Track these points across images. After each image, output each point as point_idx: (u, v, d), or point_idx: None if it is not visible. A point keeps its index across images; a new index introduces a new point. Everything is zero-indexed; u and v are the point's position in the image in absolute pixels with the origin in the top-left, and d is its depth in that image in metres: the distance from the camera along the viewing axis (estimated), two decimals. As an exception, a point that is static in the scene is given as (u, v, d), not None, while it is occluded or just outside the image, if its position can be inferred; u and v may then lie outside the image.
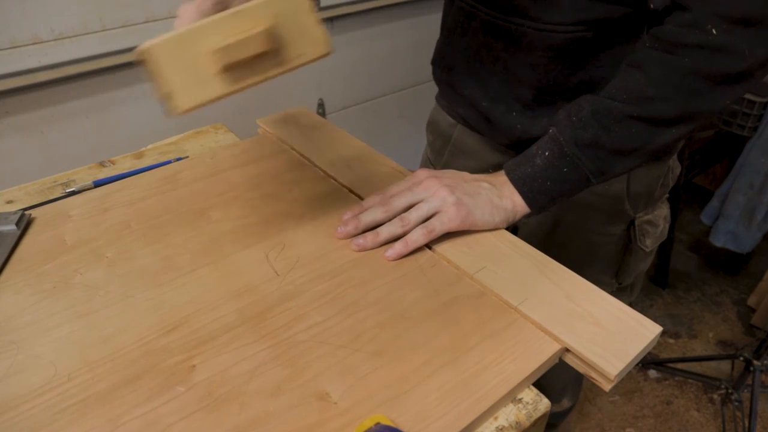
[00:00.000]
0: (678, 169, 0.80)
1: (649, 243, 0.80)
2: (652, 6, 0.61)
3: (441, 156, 0.88)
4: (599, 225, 0.78)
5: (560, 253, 0.83)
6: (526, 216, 0.62)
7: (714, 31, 0.50)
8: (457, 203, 0.57)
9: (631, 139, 0.56)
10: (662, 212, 0.81)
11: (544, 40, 0.64)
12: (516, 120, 0.72)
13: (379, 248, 0.58)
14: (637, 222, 0.78)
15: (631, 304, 0.91)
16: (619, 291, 0.86)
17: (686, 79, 0.53)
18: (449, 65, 0.79)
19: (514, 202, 0.60)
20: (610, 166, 0.58)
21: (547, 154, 0.58)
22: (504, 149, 0.78)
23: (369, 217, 0.59)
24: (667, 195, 0.81)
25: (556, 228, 0.82)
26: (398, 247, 0.57)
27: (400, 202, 0.59)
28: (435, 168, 0.89)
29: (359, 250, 0.58)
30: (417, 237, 0.57)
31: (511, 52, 0.68)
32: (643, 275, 0.89)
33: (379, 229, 0.58)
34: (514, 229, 0.87)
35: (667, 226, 0.83)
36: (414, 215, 0.58)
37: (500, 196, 0.60)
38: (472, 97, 0.76)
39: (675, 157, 0.78)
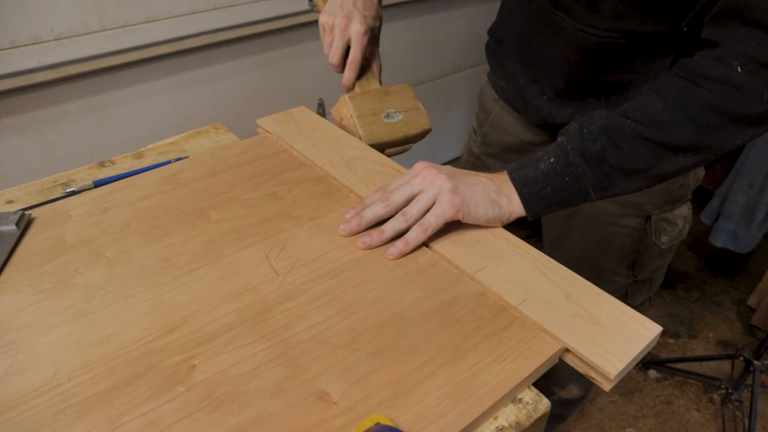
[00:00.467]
0: (702, 172, 0.81)
1: (665, 240, 0.82)
2: (686, 28, 0.64)
3: (482, 127, 0.95)
4: (615, 216, 0.81)
5: (578, 239, 0.87)
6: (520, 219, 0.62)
7: (739, 69, 0.51)
8: (453, 191, 0.57)
9: (637, 160, 0.56)
10: (682, 212, 0.82)
11: (580, 40, 0.68)
12: (544, 103, 0.77)
13: (379, 248, 0.58)
14: (653, 218, 0.80)
15: (650, 300, 0.93)
16: (636, 284, 0.87)
17: (702, 111, 0.53)
18: (502, 38, 0.85)
19: (510, 201, 0.60)
20: (612, 183, 0.58)
21: (552, 160, 0.58)
22: (536, 129, 0.84)
23: (370, 214, 0.59)
24: (689, 196, 0.83)
25: (575, 215, 0.85)
26: (399, 246, 0.57)
27: (399, 196, 0.59)
28: (476, 137, 0.97)
29: (365, 248, 0.58)
30: (416, 235, 0.57)
31: (554, 41, 0.72)
32: (663, 272, 0.90)
33: (383, 227, 0.58)
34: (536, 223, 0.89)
35: (687, 226, 0.84)
36: (415, 208, 0.58)
37: (498, 192, 0.60)
38: (514, 72, 0.82)
39: None
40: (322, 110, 1.67)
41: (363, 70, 0.75)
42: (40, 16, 1.08)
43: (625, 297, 0.87)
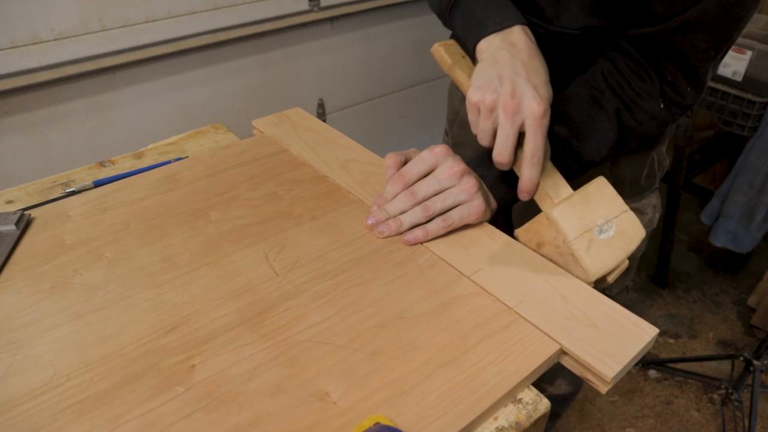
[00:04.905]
0: (666, 161, 0.84)
1: None
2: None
3: (452, 128, 0.96)
4: None
5: None
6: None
7: (661, 105, 0.63)
8: (481, 201, 0.59)
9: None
10: (650, 201, 0.84)
11: (552, 42, 0.67)
12: None
13: (378, 248, 0.58)
14: None
15: (627, 289, 0.94)
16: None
17: (627, 130, 0.65)
18: None
19: (490, 198, 0.62)
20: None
21: None
22: None
23: (396, 209, 0.60)
24: (656, 185, 0.84)
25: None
26: (418, 234, 0.58)
27: (427, 192, 0.59)
28: (448, 139, 0.98)
29: (384, 237, 0.59)
30: (436, 228, 0.58)
31: None
32: (636, 260, 0.91)
33: (402, 218, 0.59)
34: (507, 206, 0.91)
35: (657, 215, 0.86)
36: (438, 206, 0.59)
37: (485, 191, 0.62)
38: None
39: (662, 149, 0.81)
40: (322, 110, 1.67)
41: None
42: (40, 16, 1.08)
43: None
